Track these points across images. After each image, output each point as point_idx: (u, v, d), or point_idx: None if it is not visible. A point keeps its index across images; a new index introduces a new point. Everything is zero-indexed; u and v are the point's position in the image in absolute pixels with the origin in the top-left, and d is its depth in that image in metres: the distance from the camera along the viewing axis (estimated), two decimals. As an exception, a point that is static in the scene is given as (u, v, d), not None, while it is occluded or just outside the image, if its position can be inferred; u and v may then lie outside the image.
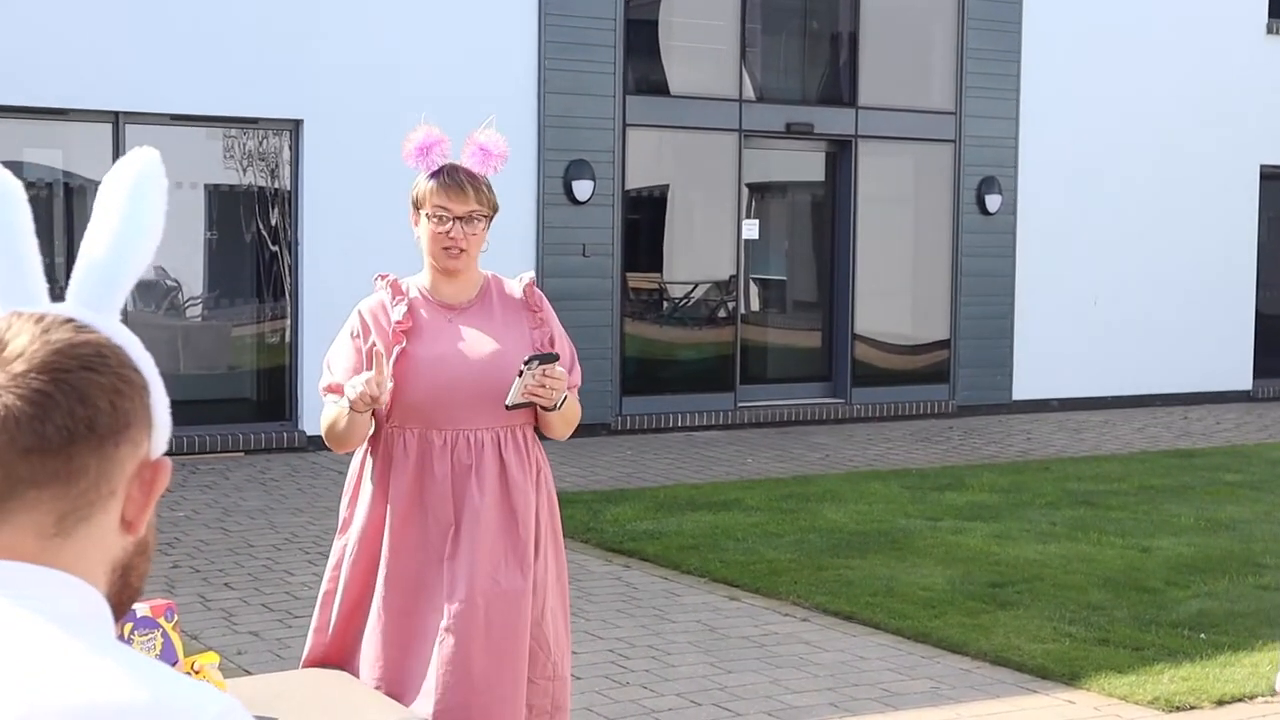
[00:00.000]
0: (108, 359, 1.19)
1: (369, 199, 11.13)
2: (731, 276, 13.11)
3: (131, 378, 1.21)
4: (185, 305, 11.43)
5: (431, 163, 3.65)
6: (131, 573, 1.25)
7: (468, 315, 3.71)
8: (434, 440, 3.60)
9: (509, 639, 3.58)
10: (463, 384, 3.61)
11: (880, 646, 6.35)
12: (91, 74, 10.46)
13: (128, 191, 1.26)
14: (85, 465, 1.17)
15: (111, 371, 1.19)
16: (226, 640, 6.27)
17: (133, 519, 1.22)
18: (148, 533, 1.26)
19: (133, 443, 1.20)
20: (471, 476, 3.60)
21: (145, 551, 1.27)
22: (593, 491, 9.65)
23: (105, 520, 1.20)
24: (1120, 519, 8.93)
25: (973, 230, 13.88)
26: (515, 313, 3.76)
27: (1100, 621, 6.61)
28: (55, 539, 1.17)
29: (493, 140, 3.69)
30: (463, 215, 3.62)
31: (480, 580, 3.55)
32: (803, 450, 11.77)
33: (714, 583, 7.42)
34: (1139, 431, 13.17)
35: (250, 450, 11.04)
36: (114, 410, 1.18)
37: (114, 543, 1.22)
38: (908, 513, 9.04)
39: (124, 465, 1.20)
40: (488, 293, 3.76)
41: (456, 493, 3.59)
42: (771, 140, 13.23)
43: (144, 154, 1.28)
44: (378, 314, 3.67)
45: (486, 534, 3.58)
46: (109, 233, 1.24)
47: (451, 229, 3.62)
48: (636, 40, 12.55)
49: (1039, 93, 14.05)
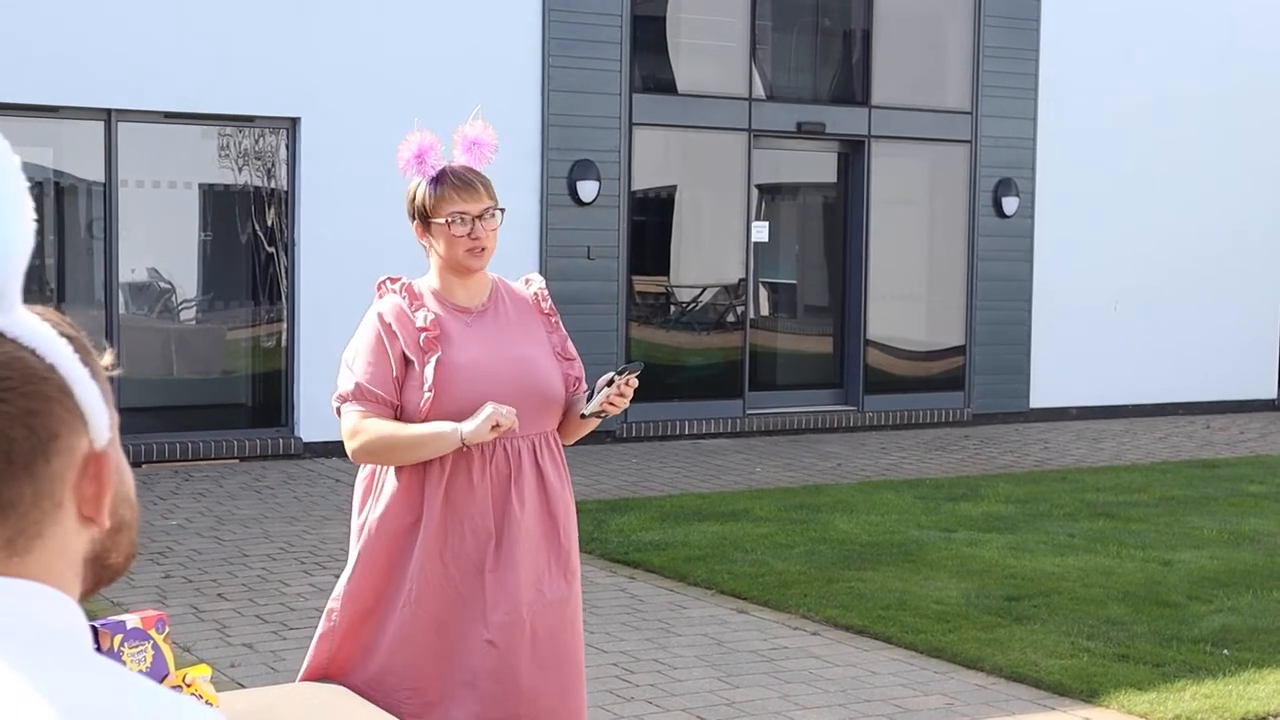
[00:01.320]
0: (9, 381, 1.13)
1: (369, 199, 11.13)
2: (740, 280, 13.10)
3: (43, 390, 1.15)
4: (179, 308, 11.43)
5: (429, 169, 3.65)
6: (108, 555, 1.23)
7: (484, 319, 3.71)
8: (472, 451, 3.59)
9: (556, 649, 3.62)
10: (499, 393, 3.59)
11: (892, 661, 6.34)
12: (83, 70, 10.47)
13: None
14: (18, 493, 1.14)
15: (18, 394, 1.13)
16: (219, 653, 6.26)
17: (91, 514, 1.19)
18: (121, 511, 1.23)
19: (65, 451, 1.16)
20: (511, 487, 3.61)
21: (121, 529, 1.24)
22: (597, 501, 9.65)
23: (60, 530, 1.18)
24: (1141, 531, 8.92)
25: (989, 233, 13.88)
26: (530, 315, 3.78)
27: (1120, 637, 6.60)
28: (11, 559, 1.15)
29: (482, 132, 3.71)
30: (480, 214, 3.64)
31: (525, 591, 3.57)
32: (813, 459, 11.76)
33: (721, 595, 7.41)
34: (1160, 441, 13.16)
35: (245, 457, 11.04)
36: (31, 433, 1.14)
37: (78, 542, 1.20)
38: (921, 524, 9.03)
39: (63, 475, 1.16)
40: (498, 295, 3.77)
41: (496, 504, 3.60)
42: (782, 140, 13.22)
43: None
44: (399, 319, 3.64)
45: (529, 544, 3.60)
46: None
47: (473, 230, 3.64)
48: (643, 37, 12.55)
49: (1057, 92, 14.04)
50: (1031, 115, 13.96)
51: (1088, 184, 14.29)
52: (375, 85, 11.32)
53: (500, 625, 3.55)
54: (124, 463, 1.26)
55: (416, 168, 3.65)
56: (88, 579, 1.22)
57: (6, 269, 1.16)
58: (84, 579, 1.21)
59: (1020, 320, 14.08)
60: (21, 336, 1.16)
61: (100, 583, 1.23)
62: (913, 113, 13.53)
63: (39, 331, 1.17)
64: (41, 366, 1.16)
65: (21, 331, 1.16)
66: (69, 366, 1.18)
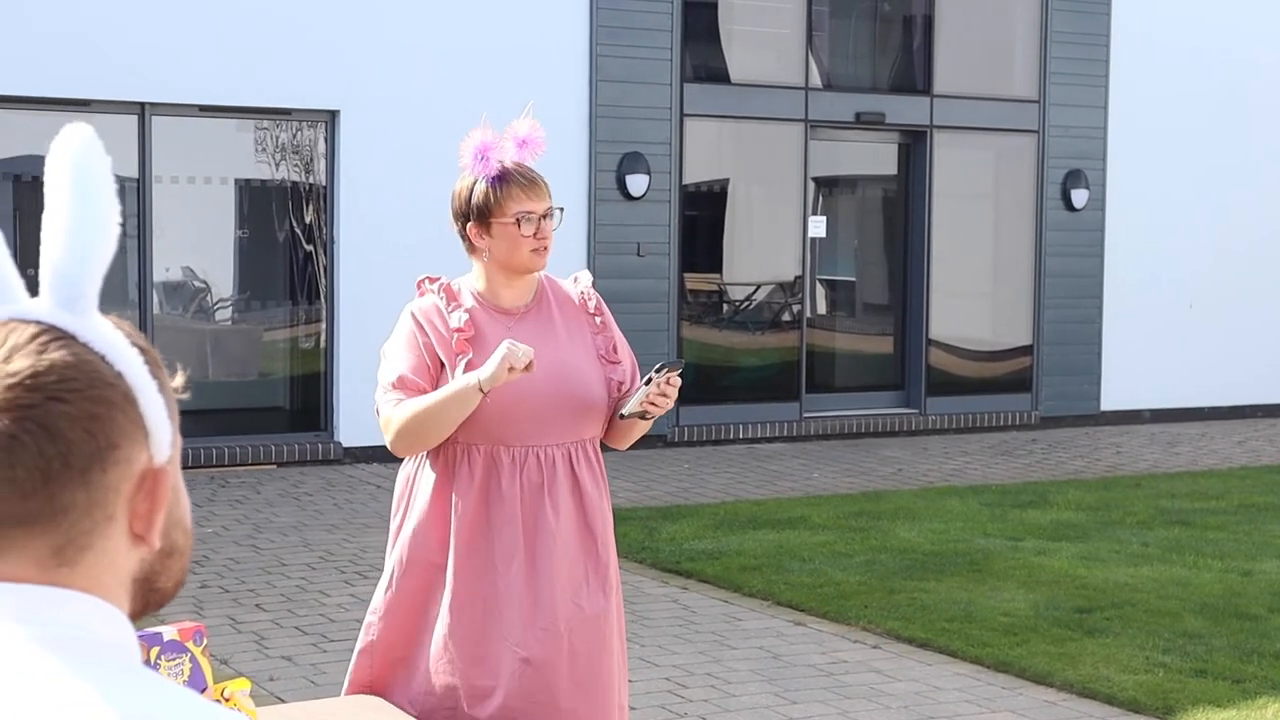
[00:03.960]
0: (75, 382, 1.16)
1: (411, 195, 11.17)
2: (797, 277, 13.08)
3: (108, 396, 1.18)
4: (214, 308, 11.51)
5: (492, 167, 3.66)
6: (157, 579, 1.25)
7: (527, 321, 3.71)
8: (502, 458, 3.59)
9: (593, 668, 3.62)
10: (532, 398, 3.59)
11: (957, 676, 6.32)
12: (116, 63, 10.56)
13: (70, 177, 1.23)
14: (71, 500, 1.16)
15: (82, 397, 1.16)
16: (258, 665, 6.30)
17: (142, 533, 1.21)
18: (174, 535, 1.25)
19: (124, 462, 1.18)
20: (544, 496, 3.60)
21: (173, 554, 1.26)
22: (648, 508, 9.65)
23: (110, 544, 1.20)
24: (1219, 540, 8.85)
25: (1057, 228, 13.80)
26: (575, 316, 3.77)
27: (1197, 651, 6.55)
28: (60, 569, 1.17)
29: (533, 130, 3.72)
30: (545, 213, 3.68)
31: (562, 605, 3.57)
32: (873, 464, 11.73)
33: (778, 606, 7.41)
34: (1239, 445, 13.05)
35: (283, 462, 11.10)
36: (91, 437, 1.16)
37: (127, 560, 1.22)
38: (987, 532, 8.99)
39: (117, 487, 1.18)
40: (544, 295, 3.77)
41: (527, 514, 3.59)
42: (840, 131, 13.19)
43: (77, 131, 1.24)
44: (432, 318, 3.66)
45: (565, 556, 3.60)
46: (62, 227, 1.21)
47: (539, 229, 3.66)
48: (695, 24, 12.55)
49: (1129, 79, 13.95)
50: (1102, 104, 13.88)
51: (1161, 175, 14.18)
52: (417, 77, 11.37)
53: (537, 640, 3.55)
54: (182, 486, 1.28)
55: (479, 165, 3.66)
56: (136, 600, 1.23)
57: (85, 272, 1.20)
58: (134, 597, 1.23)
59: (1090, 319, 13.99)
60: (93, 342, 1.19)
61: (149, 606, 1.25)
62: (977, 102, 13.47)
63: (111, 339, 1.20)
64: (109, 373, 1.19)
65: (94, 337, 1.19)
66: (137, 377, 1.20)
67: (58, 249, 1.20)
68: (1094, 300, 14.00)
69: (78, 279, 1.20)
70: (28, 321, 1.18)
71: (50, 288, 1.20)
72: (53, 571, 1.17)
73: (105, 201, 1.22)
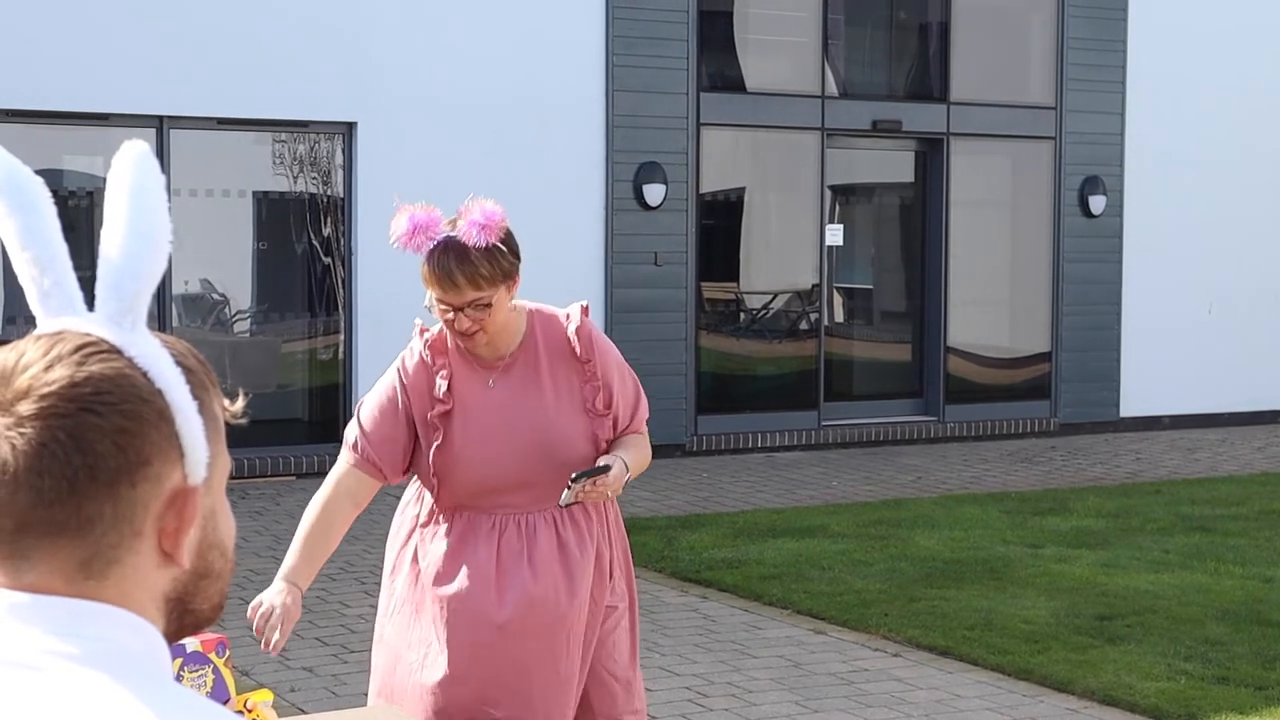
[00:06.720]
0: (109, 395, 1.17)
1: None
2: (814, 286, 13.08)
3: (141, 411, 1.18)
4: (232, 320, 11.54)
5: (420, 245, 3.48)
6: (192, 600, 1.25)
7: (511, 374, 3.62)
8: (480, 524, 3.57)
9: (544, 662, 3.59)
10: (504, 470, 3.55)
11: (978, 684, 6.31)
12: (134, 77, 10.59)
13: (126, 193, 1.25)
14: (97, 512, 1.17)
15: (115, 410, 1.17)
16: (279, 676, 6.31)
17: (171, 551, 1.21)
18: (209, 557, 1.26)
19: (154, 479, 1.19)
20: (523, 563, 3.55)
21: (208, 575, 1.26)
22: (667, 517, 9.65)
23: (139, 559, 1.20)
24: (1240, 546, 8.82)
25: (1075, 234, 13.77)
26: (563, 363, 3.63)
27: (1219, 658, 6.53)
28: (88, 582, 1.18)
29: (492, 211, 3.49)
30: (463, 306, 3.49)
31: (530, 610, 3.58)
32: (892, 472, 11.71)
33: (798, 615, 7.40)
34: (1259, 451, 13.01)
35: (302, 474, 11.12)
36: (120, 451, 1.17)
37: (158, 578, 1.22)
38: (1007, 539, 8.98)
39: (146, 503, 1.19)
40: (532, 340, 3.64)
41: (501, 580, 3.54)
42: (856, 139, 13.19)
43: (134, 148, 1.26)
44: (419, 381, 3.61)
45: (546, 607, 3.56)
46: (117, 243, 1.23)
47: (456, 320, 3.51)
48: (711, 33, 12.56)
49: (1147, 85, 13.92)
50: (1119, 110, 13.85)
51: (1179, 181, 14.15)
52: (434, 89, 11.38)
53: (504, 641, 3.55)
54: (225, 510, 1.29)
55: (409, 244, 3.50)
56: (170, 620, 1.24)
57: (135, 287, 1.22)
58: (167, 618, 1.23)
59: (1109, 325, 13.96)
60: (138, 357, 1.21)
61: (184, 629, 1.25)
62: (994, 109, 13.46)
63: (155, 355, 1.22)
64: (147, 389, 1.20)
65: (138, 352, 1.21)
66: (177, 395, 1.21)
67: (112, 264, 1.22)
68: (1112, 306, 13.97)
69: (128, 294, 1.22)
70: (77, 334, 1.20)
71: (102, 301, 1.22)
72: (80, 584, 1.18)
73: (158, 219, 1.25)
